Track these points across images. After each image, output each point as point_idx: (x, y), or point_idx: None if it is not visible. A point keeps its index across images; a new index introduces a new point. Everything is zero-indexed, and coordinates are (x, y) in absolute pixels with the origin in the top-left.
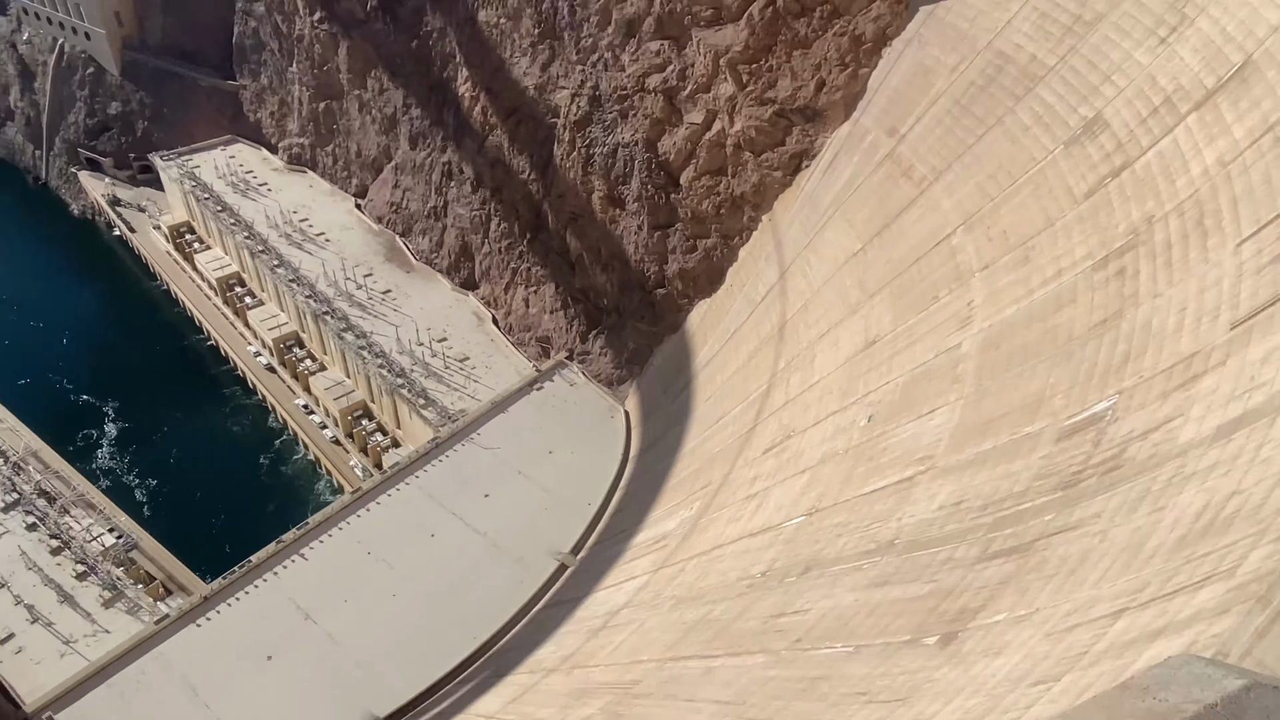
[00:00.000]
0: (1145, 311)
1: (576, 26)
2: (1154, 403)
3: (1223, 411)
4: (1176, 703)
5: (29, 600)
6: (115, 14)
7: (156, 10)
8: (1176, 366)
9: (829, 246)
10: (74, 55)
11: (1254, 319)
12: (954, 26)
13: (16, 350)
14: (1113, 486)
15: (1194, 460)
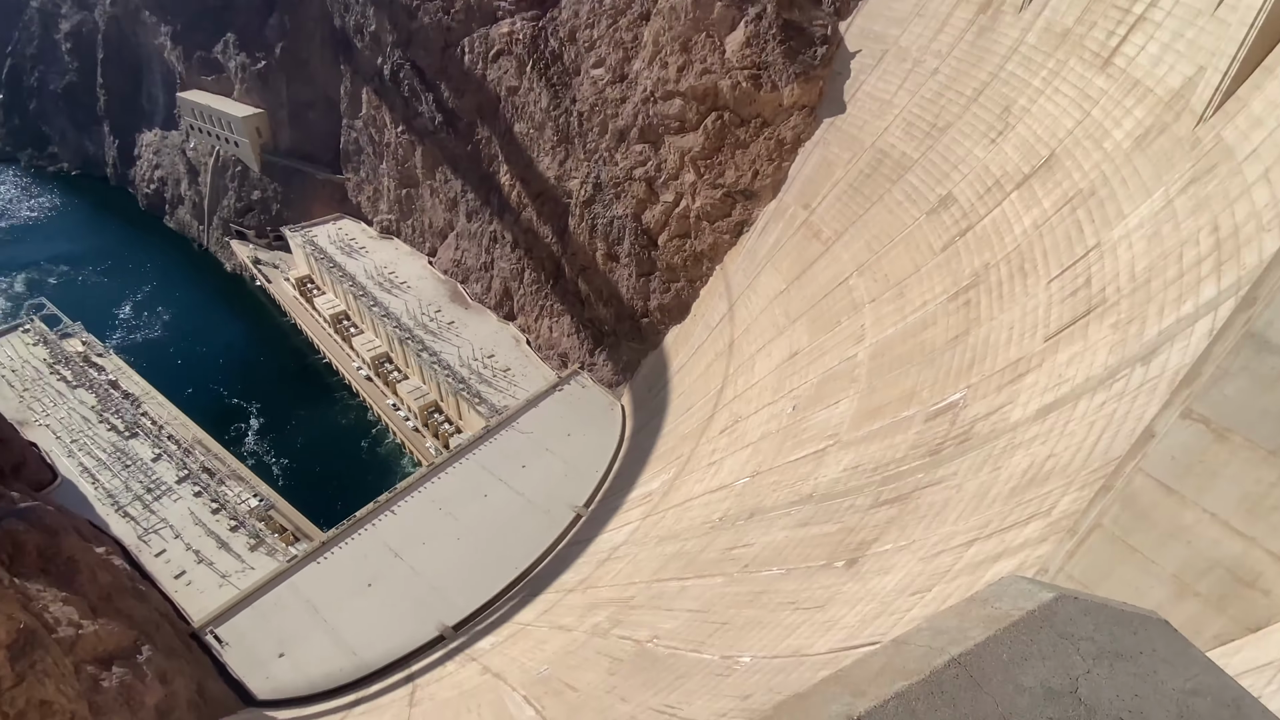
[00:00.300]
0: (985, 330)
1: (583, 135)
2: (992, 394)
3: (1040, 399)
4: (1006, 609)
5: (196, 547)
6: (256, 129)
7: (285, 126)
8: (1007, 368)
9: (763, 287)
10: (227, 157)
11: (1060, 334)
12: (847, 132)
13: (186, 367)
14: (964, 453)
15: (1021, 433)
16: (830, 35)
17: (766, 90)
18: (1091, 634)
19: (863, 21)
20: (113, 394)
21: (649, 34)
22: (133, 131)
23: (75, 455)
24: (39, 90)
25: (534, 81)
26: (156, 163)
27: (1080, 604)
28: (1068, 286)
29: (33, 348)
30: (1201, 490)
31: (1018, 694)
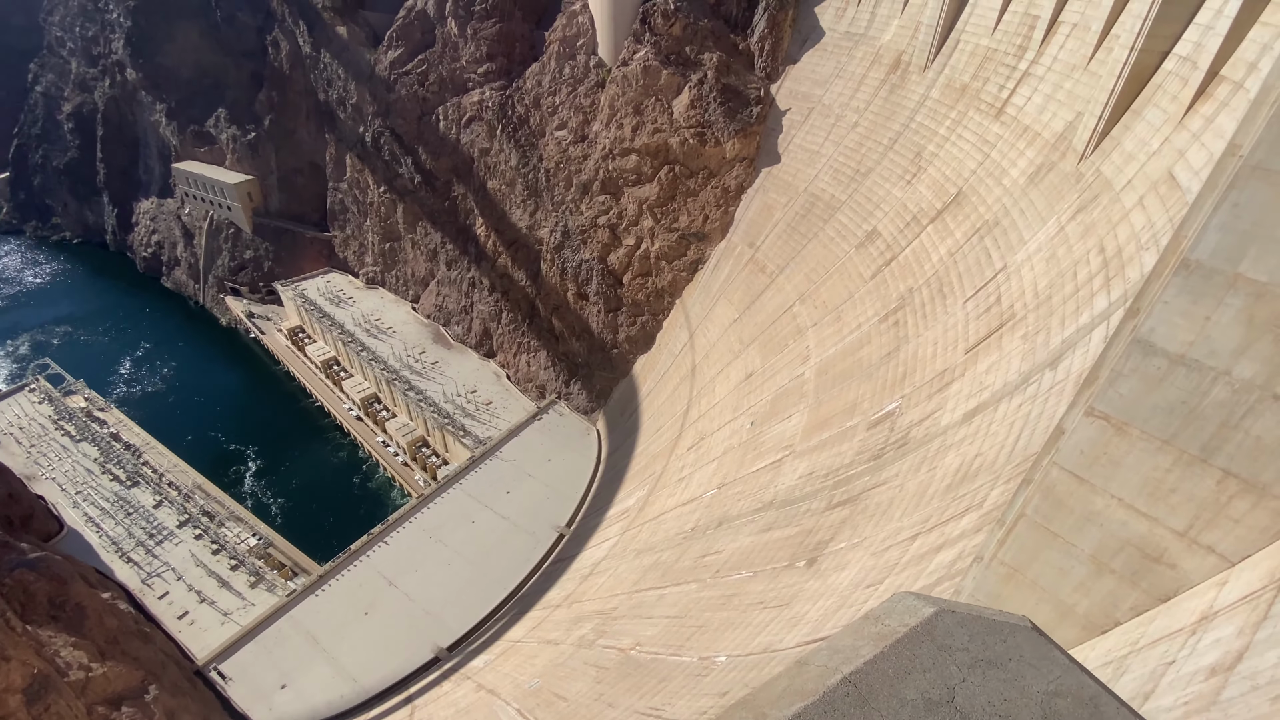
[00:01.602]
0: (913, 346)
1: (551, 189)
2: (923, 402)
3: (965, 405)
4: (894, 626)
5: (198, 588)
6: (248, 194)
7: (275, 190)
8: (935, 378)
9: (719, 317)
10: (220, 221)
11: (978, 346)
12: (783, 179)
13: (185, 416)
14: (903, 456)
15: (951, 436)
16: (763, 96)
17: (711, 145)
18: (966, 644)
19: (790, 84)
20: (114, 446)
21: (605, 99)
22: (130, 200)
23: (80, 506)
24: (43, 166)
25: (504, 143)
26: (153, 228)
27: (957, 616)
28: (981, 304)
29: (38, 405)
30: (1108, 478)
31: (901, 707)
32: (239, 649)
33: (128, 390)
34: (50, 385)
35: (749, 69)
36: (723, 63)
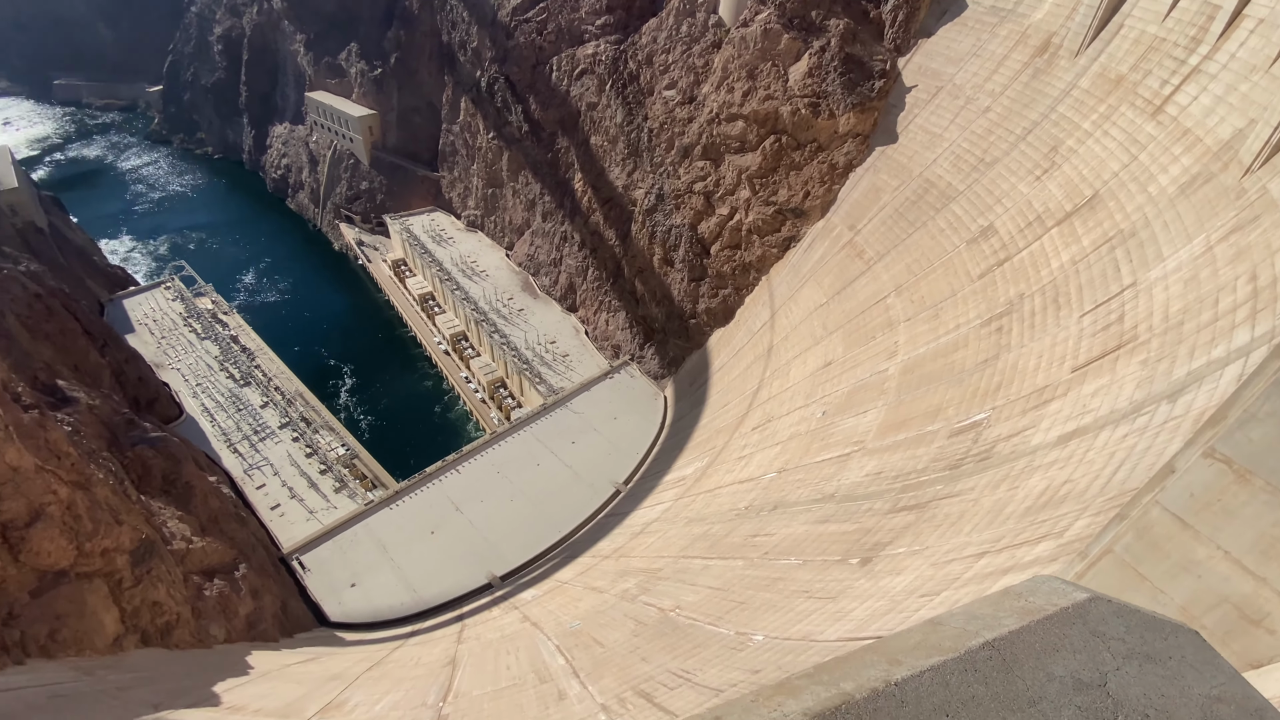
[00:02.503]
0: (1014, 356)
1: (651, 149)
2: (1016, 416)
3: (1062, 427)
4: (1040, 604)
5: (290, 485)
6: (369, 128)
7: (393, 127)
8: (1033, 394)
9: (805, 299)
10: (342, 151)
11: (1088, 366)
12: (897, 161)
13: (295, 329)
14: (984, 470)
15: (1040, 457)
16: (888, 70)
17: (824, 118)
18: (1123, 635)
19: (920, 59)
20: (233, 347)
21: (719, 60)
22: (266, 124)
23: (198, 396)
24: (192, 84)
25: (611, 98)
26: (284, 152)
27: (1113, 606)
28: (1100, 321)
29: (171, 302)
30: (1217, 528)
31: (1048, 681)
32: (319, 545)
33: (249, 298)
34: (183, 285)
35: (876, 39)
36: (849, 30)
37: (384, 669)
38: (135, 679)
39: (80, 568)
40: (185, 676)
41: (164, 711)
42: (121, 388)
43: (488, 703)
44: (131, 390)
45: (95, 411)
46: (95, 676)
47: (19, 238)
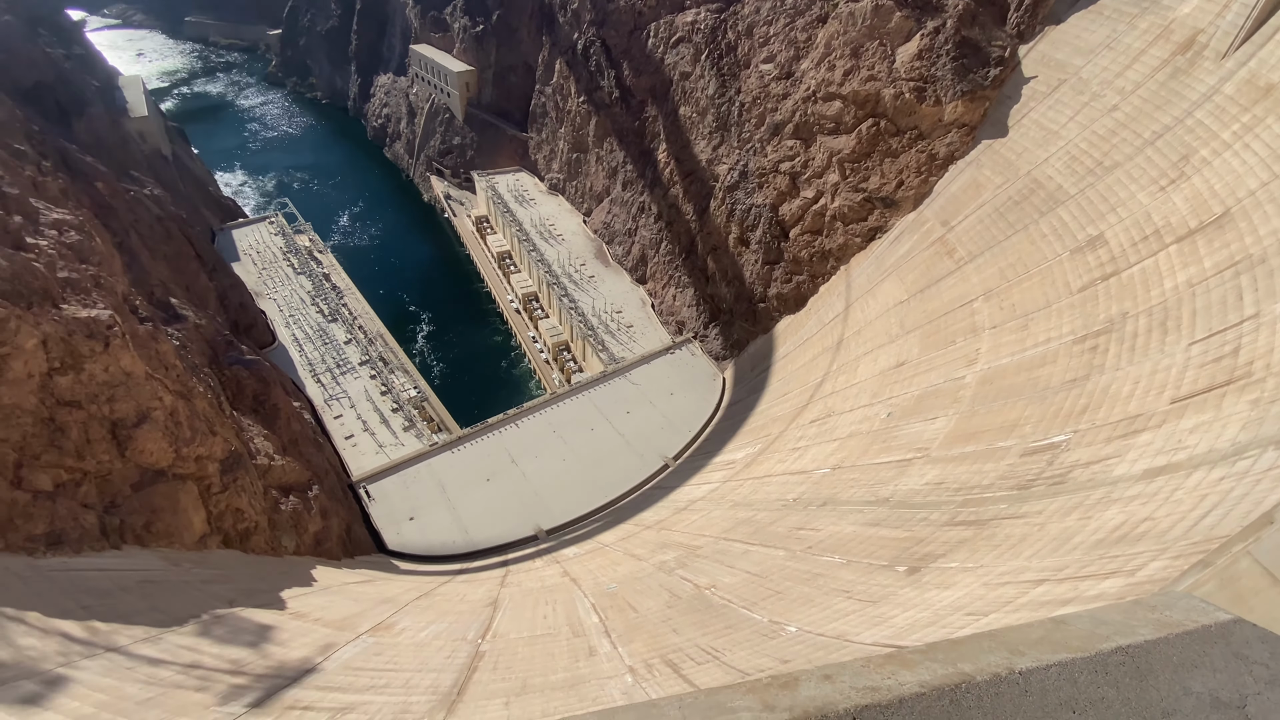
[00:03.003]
0: (1107, 379)
1: (740, 124)
2: (1100, 443)
3: (1151, 460)
4: (1178, 619)
5: (364, 418)
6: (466, 84)
7: (489, 84)
8: (1122, 421)
9: (884, 294)
10: (439, 105)
11: (1190, 399)
12: (1004, 156)
13: (381, 273)
14: (1055, 495)
15: (1121, 490)
16: (1007, 57)
17: (929, 104)
18: (1267, 660)
19: (1045, 47)
20: (325, 284)
21: (822, 36)
22: (372, 73)
23: (290, 327)
24: (308, 30)
25: (706, 69)
26: (385, 102)
27: (1258, 631)
28: (1211, 352)
29: (273, 236)
30: None
31: (1184, 695)
32: (384, 477)
33: (342, 239)
34: (285, 222)
35: (998, 23)
36: (969, 11)
37: (431, 600)
38: (214, 575)
39: (176, 469)
40: (257, 579)
41: (237, 608)
42: (224, 311)
43: (523, 647)
44: (233, 314)
45: (200, 330)
46: (181, 568)
47: (146, 163)
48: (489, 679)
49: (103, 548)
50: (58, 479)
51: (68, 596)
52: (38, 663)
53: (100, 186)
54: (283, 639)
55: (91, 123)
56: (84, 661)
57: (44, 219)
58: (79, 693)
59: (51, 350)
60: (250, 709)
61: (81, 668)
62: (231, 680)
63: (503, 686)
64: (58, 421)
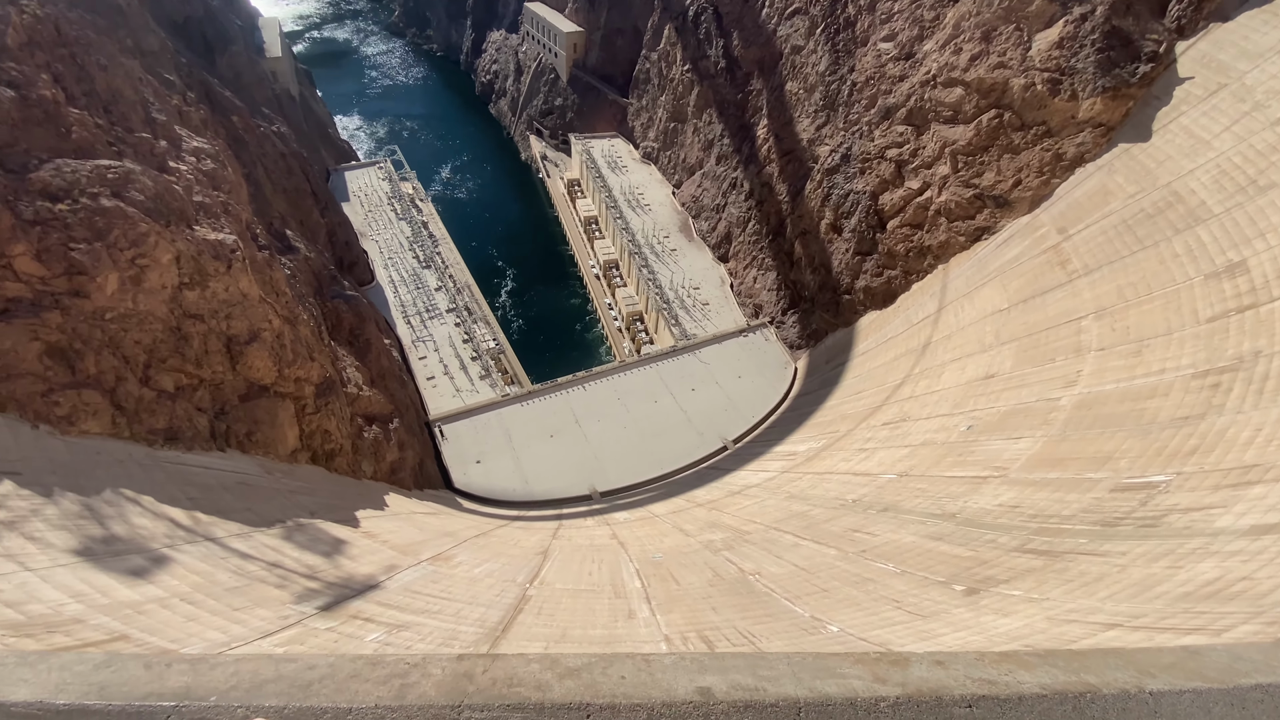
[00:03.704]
0: (1225, 421)
1: (849, 105)
2: (1205, 490)
3: (1261, 516)
4: None
5: (445, 362)
6: (574, 44)
7: (596, 47)
8: (1235, 470)
9: (982, 300)
10: (545, 65)
11: None
12: (1142, 163)
13: (475, 226)
14: (1145, 538)
15: (1222, 543)
16: (1161, 54)
17: (1063, 98)
18: None
19: (1206, 47)
20: (422, 232)
21: (952, 16)
22: (485, 29)
23: (388, 268)
24: None
25: (819, 43)
26: (495, 58)
27: None
28: None
29: (381, 181)
30: None
31: None
32: (458, 420)
33: (442, 190)
34: (393, 168)
35: (1155, 15)
36: (1123, 0)
37: (488, 540)
38: (301, 487)
39: (278, 387)
40: (337, 496)
41: (317, 519)
42: (332, 247)
43: (566, 598)
44: (339, 251)
45: (309, 263)
46: (273, 476)
47: (276, 102)
48: (532, 622)
49: (210, 449)
50: (178, 382)
51: (177, 487)
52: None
53: (235, 120)
54: (353, 554)
55: (232, 59)
56: (185, 546)
57: (185, 146)
58: (178, 572)
59: (183, 266)
60: (320, 611)
61: (183, 551)
62: (306, 583)
63: (544, 631)
64: (183, 331)
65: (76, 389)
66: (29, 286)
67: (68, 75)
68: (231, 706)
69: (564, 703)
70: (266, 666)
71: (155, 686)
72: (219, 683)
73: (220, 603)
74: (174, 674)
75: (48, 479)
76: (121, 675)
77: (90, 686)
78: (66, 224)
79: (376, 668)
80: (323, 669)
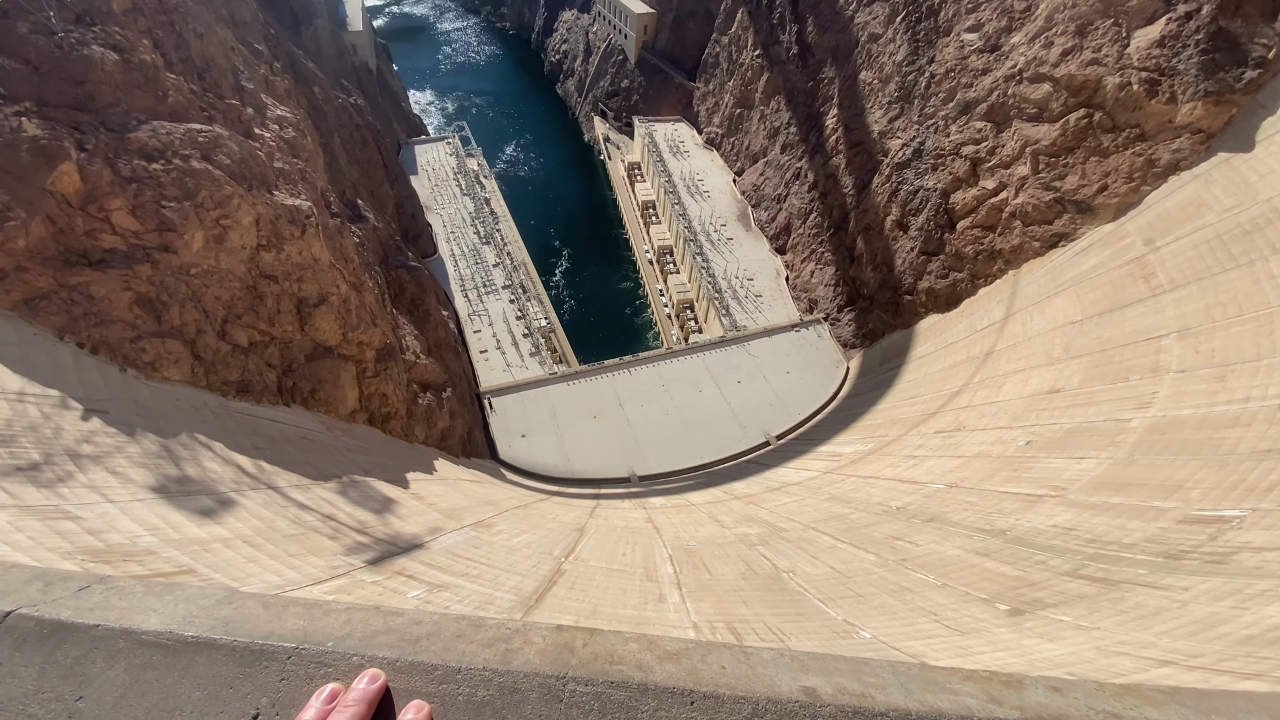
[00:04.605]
0: None
1: (925, 97)
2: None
3: None
4: None
5: (498, 337)
6: (644, 26)
7: (667, 29)
8: None
9: (1054, 310)
10: (614, 46)
11: None
12: (1243, 175)
13: (534, 205)
14: (1210, 574)
15: None
16: (1270, 59)
17: (1161, 100)
18: None
19: None
20: (484, 209)
21: (1044, 7)
22: (558, 8)
23: (449, 242)
24: None
25: (898, 33)
26: (565, 38)
27: None
28: None
29: (448, 156)
30: None
31: None
32: (506, 394)
33: (505, 168)
34: (460, 144)
35: (1266, 19)
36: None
37: (527, 512)
38: (357, 446)
39: (341, 350)
40: (389, 457)
41: (370, 477)
42: (398, 218)
43: (599, 576)
44: (405, 223)
45: (377, 232)
46: (332, 434)
47: (354, 74)
48: (565, 595)
49: (277, 403)
50: (252, 338)
51: (245, 436)
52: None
53: (316, 91)
54: (402, 513)
55: (316, 32)
56: (250, 492)
57: (270, 114)
58: (243, 515)
59: (261, 229)
60: (367, 565)
61: (248, 496)
62: (357, 537)
63: (576, 606)
64: (258, 290)
65: (161, 338)
66: (123, 239)
67: (167, 41)
68: (347, 654)
69: (667, 686)
70: (375, 618)
71: (275, 626)
72: (334, 629)
73: (278, 548)
74: (291, 615)
75: (132, 419)
76: (243, 612)
77: (216, 621)
78: (159, 182)
79: (480, 630)
80: (429, 625)
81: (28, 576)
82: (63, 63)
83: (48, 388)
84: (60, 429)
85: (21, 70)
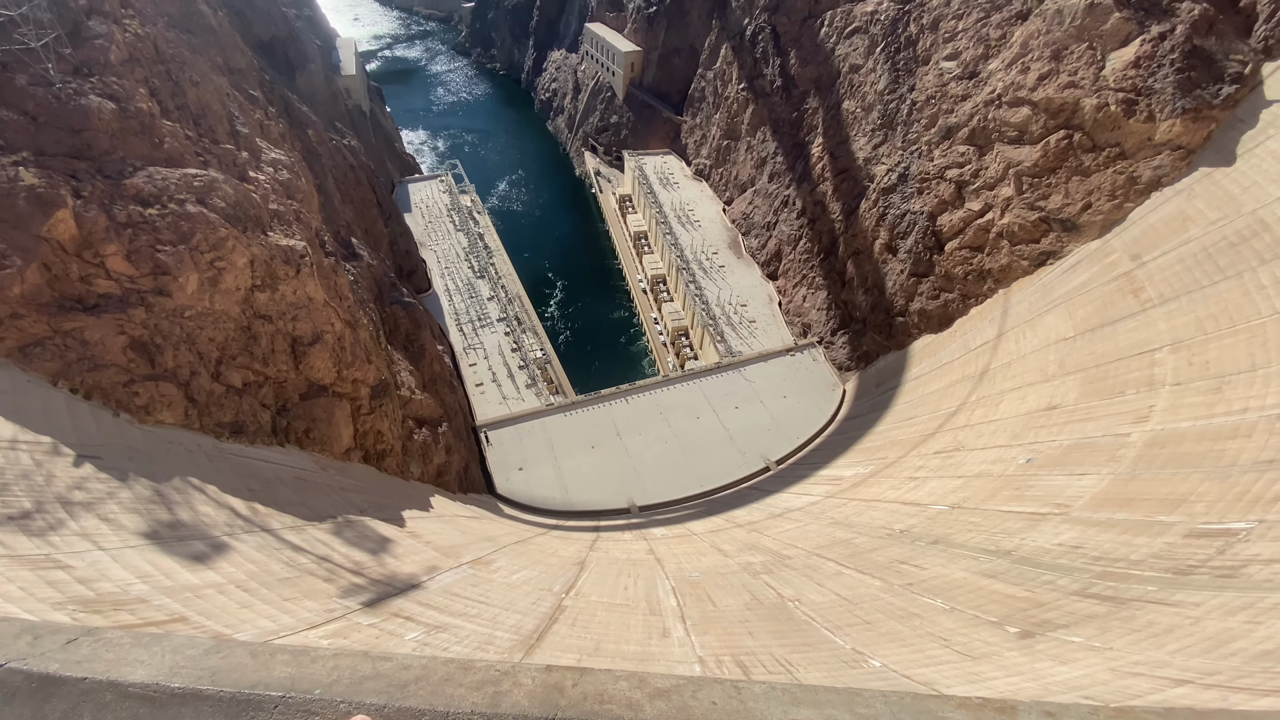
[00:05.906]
0: None
1: (908, 124)
2: None
3: None
4: None
5: (493, 370)
6: (631, 64)
7: (653, 66)
8: None
9: (1046, 327)
10: (602, 83)
11: None
12: (1225, 188)
13: (528, 238)
14: (1221, 589)
15: None
16: (1246, 75)
17: (1139, 119)
18: None
19: None
20: (478, 243)
21: (1020, 34)
22: (547, 48)
23: (444, 277)
24: (497, 4)
25: (879, 63)
26: (555, 76)
27: None
28: None
29: (441, 193)
30: None
31: None
32: (503, 426)
33: (498, 203)
34: (453, 181)
35: (1240, 35)
36: (1205, 18)
37: (526, 547)
38: (352, 484)
39: (336, 388)
40: (385, 495)
41: (366, 516)
42: (393, 255)
43: (601, 611)
44: (399, 259)
45: (371, 270)
46: (327, 473)
47: (348, 117)
48: (566, 633)
49: (271, 443)
50: (246, 379)
51: (239, 478)
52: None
53: (310, 133)
54: (398, 553)
55: (310, 77)
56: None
57: (265, 157)
58: (236, 560)
59: (256, 269)
60: (364, 607)
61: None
62: (352, 578)
63: (578, 644)
64: (253, 330)
65: (155, 381)
66: (118, 284)
67: (163, 90)
68: (334, 700)
69: None
70: (364, 664)
71: (262, 675)
72: (321, 676)
73: (272, 592)
74: (278, 664)
75: (124, 464)
76: (230, 661)
77: (203, 671)
78: (155, 227)
79: (469, 673)
80: (417, 670)
81: (18, 630)
82: (60, 112)
83: (40, 434)
84: (52, 476)
85: (19, 121)
